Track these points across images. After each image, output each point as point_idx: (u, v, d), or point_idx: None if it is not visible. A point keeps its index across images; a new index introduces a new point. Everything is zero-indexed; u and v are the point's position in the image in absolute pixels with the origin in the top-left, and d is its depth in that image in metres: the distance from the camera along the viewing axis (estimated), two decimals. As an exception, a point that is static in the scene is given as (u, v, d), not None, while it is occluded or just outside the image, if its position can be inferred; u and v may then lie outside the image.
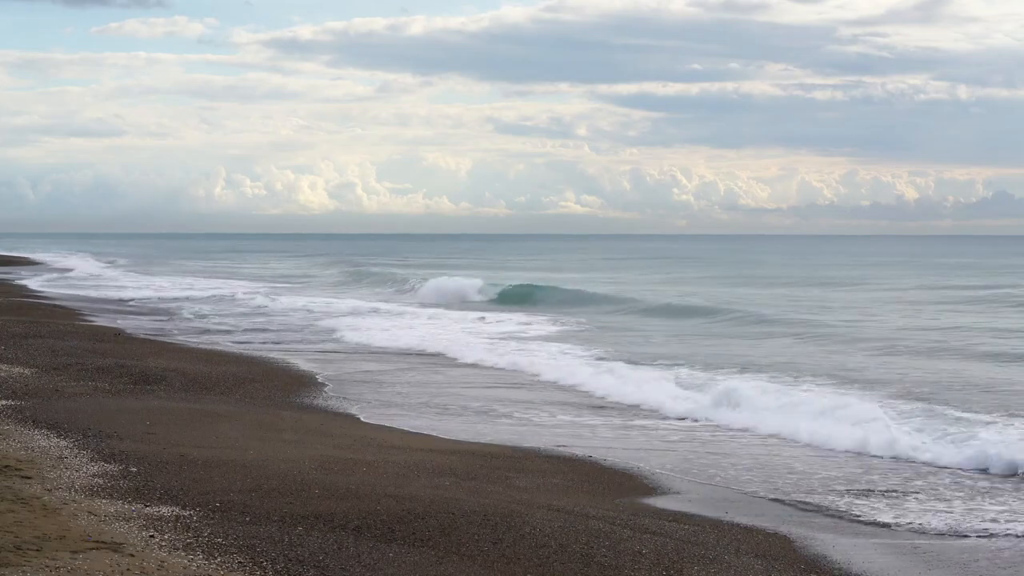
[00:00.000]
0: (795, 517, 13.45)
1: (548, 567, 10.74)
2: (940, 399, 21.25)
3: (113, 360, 25.52)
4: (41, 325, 33.10)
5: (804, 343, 32.76)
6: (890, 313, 44.03)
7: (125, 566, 9.70)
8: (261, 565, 10.18)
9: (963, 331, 35.66)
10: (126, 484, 13.15)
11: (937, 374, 25.39)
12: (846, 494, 14.57)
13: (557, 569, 10.69)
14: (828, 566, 11.45)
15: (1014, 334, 34.57)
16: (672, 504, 13.94)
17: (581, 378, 24.54)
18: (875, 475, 15.82)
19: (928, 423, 18.60)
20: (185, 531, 11.18)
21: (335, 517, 12.02)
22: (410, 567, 10.45)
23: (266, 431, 17.36)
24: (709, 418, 19.98)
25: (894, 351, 30.17)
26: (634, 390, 22.48)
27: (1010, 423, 18.39)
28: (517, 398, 22.41)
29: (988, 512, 13.56)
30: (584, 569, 10.73)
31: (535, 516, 12.34)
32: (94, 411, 18.45)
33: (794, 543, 12.20)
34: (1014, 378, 24.68)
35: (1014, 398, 21.51)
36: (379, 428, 18.69)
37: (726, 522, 12.97)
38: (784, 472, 16.00)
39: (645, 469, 15.97)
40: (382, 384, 24.09)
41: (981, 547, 12.27)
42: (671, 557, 11.21)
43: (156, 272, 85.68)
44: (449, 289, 57.17)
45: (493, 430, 18.80)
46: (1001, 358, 28.41)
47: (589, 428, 19.42)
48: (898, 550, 12.14)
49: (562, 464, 15.95)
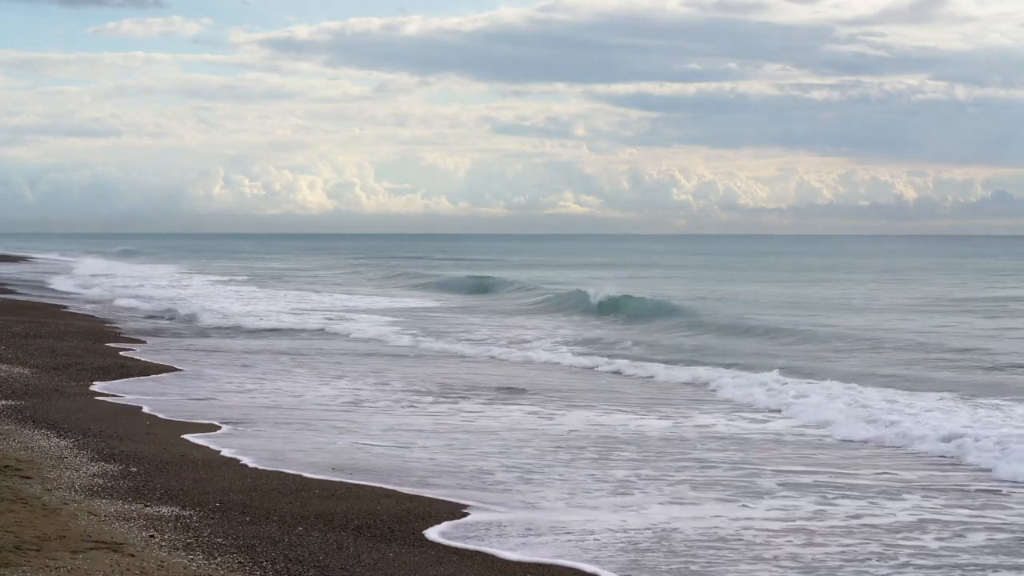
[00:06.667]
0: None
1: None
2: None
3: (113, 360, 25.54)
4: (41, 325, 33.11)
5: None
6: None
7: (125, 566, 9.71)
8: (261, 565, 10.18)
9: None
10: (126, 484, 13.16)
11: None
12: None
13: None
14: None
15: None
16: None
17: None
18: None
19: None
20: (185, 531, 11.19)
21: (335, 517, 12.03)
22: (410, 567, 10.46)
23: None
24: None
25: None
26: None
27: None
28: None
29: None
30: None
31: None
32: (94, 411, 18.47)
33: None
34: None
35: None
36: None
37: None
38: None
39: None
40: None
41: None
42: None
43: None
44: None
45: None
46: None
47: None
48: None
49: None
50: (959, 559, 11.14)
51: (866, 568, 10.78)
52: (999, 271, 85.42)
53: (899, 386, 22.82)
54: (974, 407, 20.10)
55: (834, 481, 14.56)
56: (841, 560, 11.00)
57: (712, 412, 20.22)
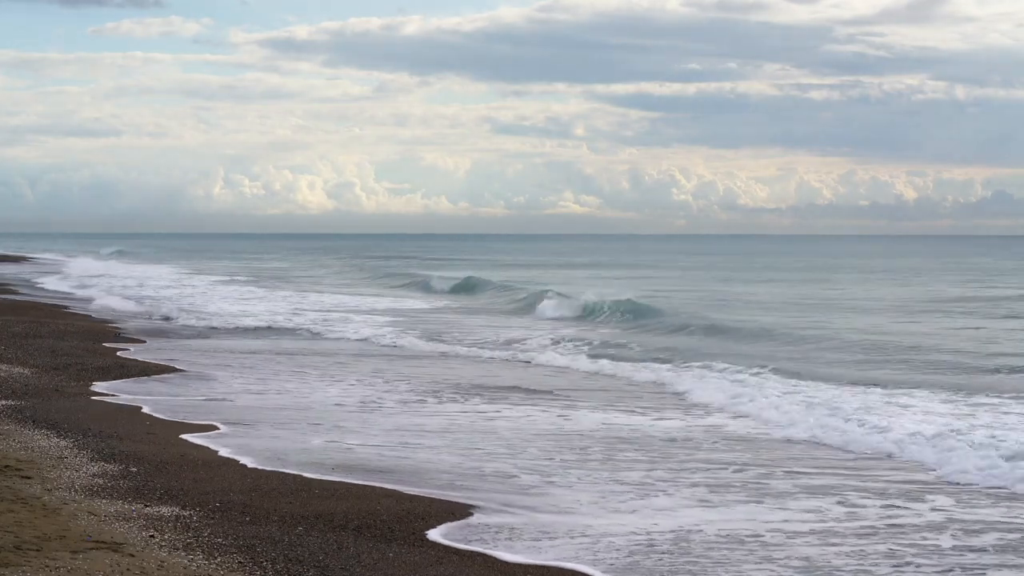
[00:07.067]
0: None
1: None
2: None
3: (112, 360, 25.53)
4: (41, 325, 33.10)
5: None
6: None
7: (125, 566, 9.70)
8: (261, 565, 10.17)
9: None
10: (126, 484, 13.15)
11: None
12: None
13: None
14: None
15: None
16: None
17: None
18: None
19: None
20: (185, 531, 11.18)
21: (335, 517, 12.02)
22: (410, 567, 10.45)
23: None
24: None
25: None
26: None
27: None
28: None
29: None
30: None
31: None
32: (94, 411, 18.46)
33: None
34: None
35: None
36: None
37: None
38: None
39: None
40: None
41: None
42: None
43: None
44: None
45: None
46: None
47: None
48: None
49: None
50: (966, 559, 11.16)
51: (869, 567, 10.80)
52: (999, 271, 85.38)
53: (900, 386, 22.83)
54: (960, 406, 20.10)
55: (848, 483, 14.58)
56: (847, 559, 11.02)
57: (714, 413, 20.23)
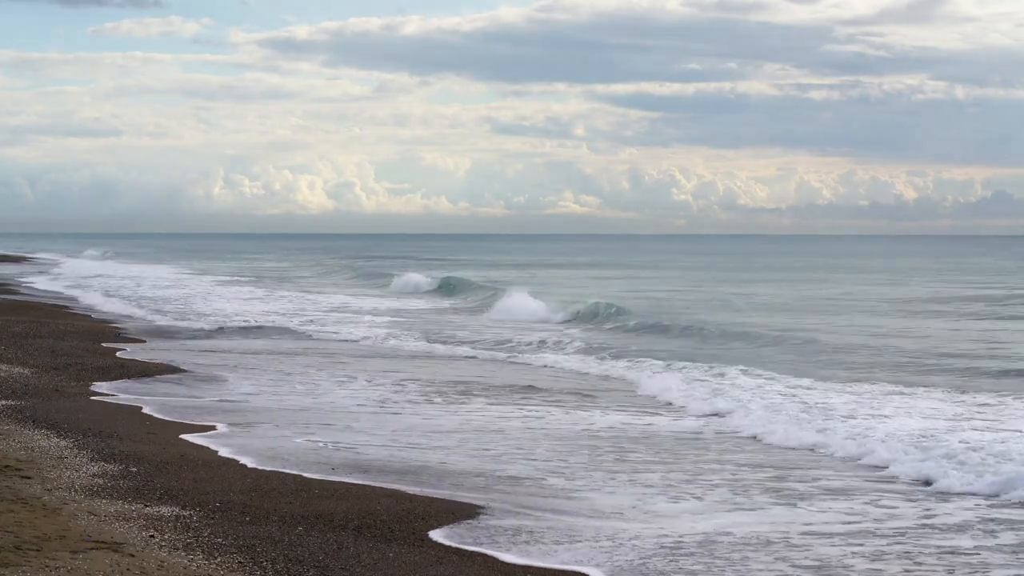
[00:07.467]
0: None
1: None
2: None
3: (112, 360, 25.54)
4: (41, 325, 33.11)
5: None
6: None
7: (125, 566, 9.70)
8: (261, 565, 10.18)
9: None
10: (126, 484, 13.16)
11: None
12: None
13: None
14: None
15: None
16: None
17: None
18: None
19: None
20: (185, 531, 11.18)
21: (335, 517, 12.03)
22: (410, 567, 10.45)
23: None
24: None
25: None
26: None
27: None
28: None
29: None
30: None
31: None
32: (94, 411, 18.47)
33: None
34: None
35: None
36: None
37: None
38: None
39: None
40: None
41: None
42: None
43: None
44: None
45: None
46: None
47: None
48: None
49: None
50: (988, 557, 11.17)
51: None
52: (999, 271, 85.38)
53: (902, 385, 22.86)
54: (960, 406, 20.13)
55: (852, 485, 14.58)
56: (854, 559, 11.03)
57: (686, 417, 20.25)
